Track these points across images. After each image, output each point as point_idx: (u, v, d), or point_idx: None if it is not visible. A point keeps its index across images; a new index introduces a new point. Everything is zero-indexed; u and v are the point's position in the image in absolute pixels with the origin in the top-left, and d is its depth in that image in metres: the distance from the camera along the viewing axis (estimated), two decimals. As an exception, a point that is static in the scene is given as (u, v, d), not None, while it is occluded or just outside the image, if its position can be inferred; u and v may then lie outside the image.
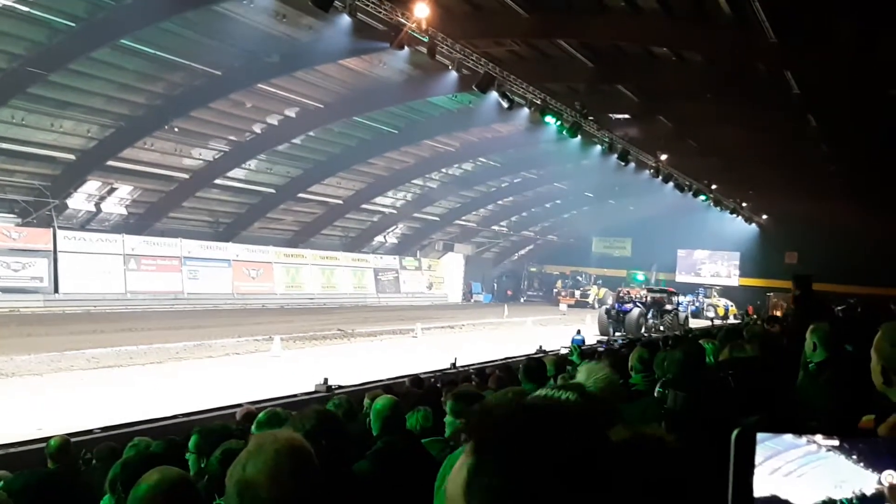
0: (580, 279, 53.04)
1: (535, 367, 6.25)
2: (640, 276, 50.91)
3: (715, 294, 49.15)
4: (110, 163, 26.82)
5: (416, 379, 10.49)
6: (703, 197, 35.71)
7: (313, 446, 1.90)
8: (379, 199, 39.55)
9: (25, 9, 18.50)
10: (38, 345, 17.97)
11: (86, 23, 19.38)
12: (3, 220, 27.10)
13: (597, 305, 47.47)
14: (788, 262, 48.82)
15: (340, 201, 37.97)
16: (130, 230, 30.89)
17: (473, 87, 19.36)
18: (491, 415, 1.05)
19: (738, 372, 3.92)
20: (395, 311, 36.11)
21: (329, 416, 2.92)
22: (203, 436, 4.53)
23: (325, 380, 11.51)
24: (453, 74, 19.21)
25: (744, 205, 42.57)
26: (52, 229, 27.47)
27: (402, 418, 4.22)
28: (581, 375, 2.57)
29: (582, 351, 9.55)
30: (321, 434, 2.54)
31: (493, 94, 19.86)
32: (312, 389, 11.37)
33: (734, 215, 42.85)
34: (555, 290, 51.93)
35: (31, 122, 23.33)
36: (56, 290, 27.60)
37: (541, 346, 17.29)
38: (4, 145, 23.73)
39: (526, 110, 21.91)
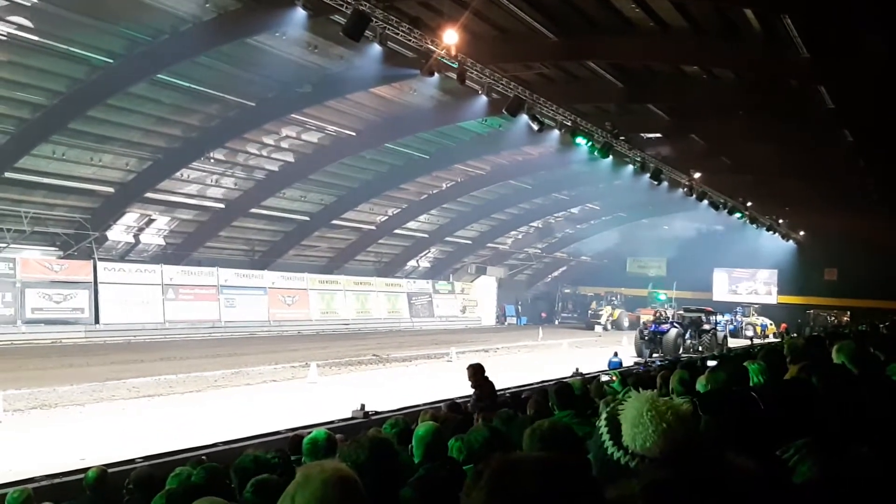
0: (615, 300, 52.54)
1: (565, 392, 6.19)
2: (662, 295, 50.36)
3: (753, 313, 48.34)
4: (148, 195, 27.39)
5: (453, 404, 10.41)
6: (738, 214, 35.30)
7: (365, 477, 1.91)
8: (411, 224, 39.74)
9: (64, 46, 19.04)
10: (79, 375, 18.23)
11: (123, 59, 19.87)
12: (45, 253, 27.72)
13: (609, 327, 46.94)
14: (828, 279, 47.99)
15: (373, 227, 38.24)
16: (168, 260, 31.39)
17: (503, 110, 19.46)
18: (514, 470, 1.12)
19: (778, 394, 3.83)
20: (429, 336, 36.07)
21: (383, 445, 2.92)
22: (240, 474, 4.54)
23: (363, 405, 11.52)
24: (483, 99, 19.37)
25: (780, 221, 41.95)
26: (92, 261, 27.99)
27: (444, 445, 4.20)
28: None
29: (622, 375, 9.43)
30: (374, 465, 2.55)
31: (523, 117, 19.94)
32: (350, 416, 11.38)
33: (771, 232, 42.25)
34: (590, 312, 51.34)
35: (71, 156, 23.92)
36: (97, 321, 28.07)
37: (577, 369, 17.12)
38: (46, 180, 24.34)
39: (556, 132, 21.93)
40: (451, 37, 15.80)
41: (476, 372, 9.74)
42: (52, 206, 26.12)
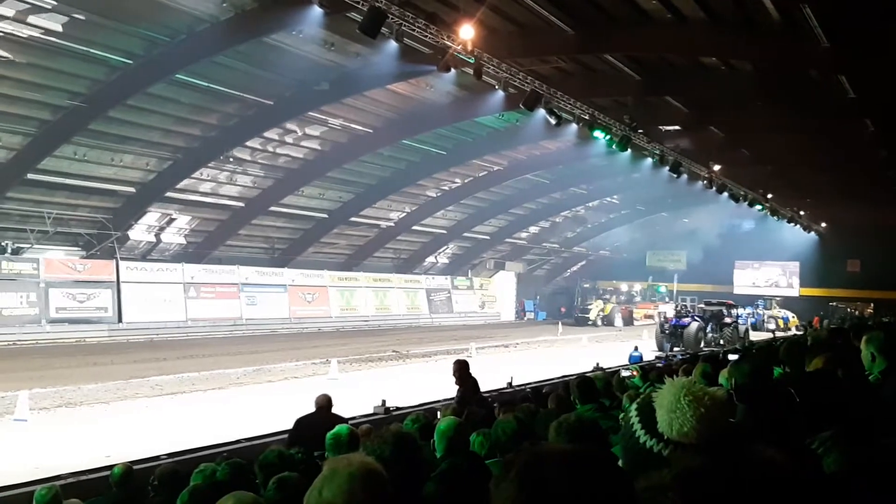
0: (635, 294, 52.22)
1: (587, 386, 6.19)
2: (663, 287, 49.85)
3: (775, 305, 47.88)
4: (169, 194, 27.62)
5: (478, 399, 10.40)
6: (758, 206, 34.99)
7: (389, 471, 1.92)
8: (429, 220, 39.78)
9: (84, 48, 19.22)
10: (103, 373, 18.42)
11: (142, 59, 20.04)
12: (68, 253, 28.04)
13: (600, 323, 45.71)
14: (851, 271, 47.45)
15: (392, 223, 38.32)
16: (189, 259, 31.62)
17: (520, 105, 19.40)
18: (544, 461, 1.13)
19: (804, 386, 3.81)
20: (449, 331, 36.09)
21: (406, 439, 2.94)
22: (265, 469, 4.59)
23: (384, 401, 11.56)
24: (500, 94, 19.31)
25: (801, 213, 41.54)
26: (114, 261, 28.26)
27: (466, 439, 4.22)
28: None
29: (643, 369, 9.38)
30: (398, 459, 2.56)
31: (541, 112, 19.88)
32: (371, 411, 11.42)
33: (792, 224, 41.83)
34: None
35: (92, 157, 24.16)
36: (120, 320, 28.34)
37: (598, 364, 17.08)
38: (68, 181, 24.60)
39: (574, 126, 21.86)
40: (467, 32, 15.78)
41: (460, 368, 9.73)
42: (74, 206, 26.41)
